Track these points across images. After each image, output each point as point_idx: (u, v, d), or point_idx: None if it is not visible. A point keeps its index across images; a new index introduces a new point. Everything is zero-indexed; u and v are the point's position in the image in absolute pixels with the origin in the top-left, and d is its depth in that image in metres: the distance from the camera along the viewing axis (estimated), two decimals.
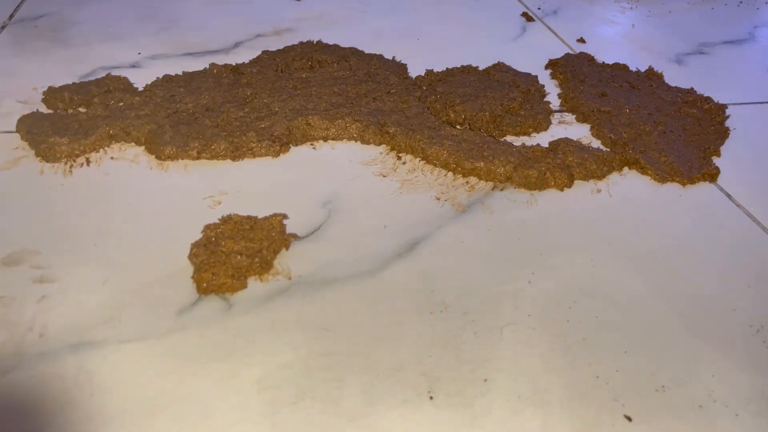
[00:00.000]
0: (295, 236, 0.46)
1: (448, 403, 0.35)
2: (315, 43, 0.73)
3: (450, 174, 0.54)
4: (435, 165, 0.55)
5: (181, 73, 0.64)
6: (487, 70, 0.70)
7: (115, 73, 0.64)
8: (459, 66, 0.70)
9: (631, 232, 0.50)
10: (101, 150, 0.54)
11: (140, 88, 0.62)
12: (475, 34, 0.83)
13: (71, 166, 0.51)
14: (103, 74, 0.64)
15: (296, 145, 0.57)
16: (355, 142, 0.58)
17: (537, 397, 0.36)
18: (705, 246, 0.49)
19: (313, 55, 0.69)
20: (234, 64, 0.67)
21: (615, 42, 0.85)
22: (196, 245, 0.44)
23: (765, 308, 0.44)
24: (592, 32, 0.87)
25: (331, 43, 0.73)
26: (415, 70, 0.69)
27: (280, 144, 0.55)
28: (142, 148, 0.54)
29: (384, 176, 0.54)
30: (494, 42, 0.81)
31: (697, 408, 0.36)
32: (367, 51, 0.72)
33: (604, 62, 0.75)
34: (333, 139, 0.58)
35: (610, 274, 0.45)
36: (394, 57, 0.72)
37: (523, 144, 0.58)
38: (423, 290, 0.43)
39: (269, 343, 0.38)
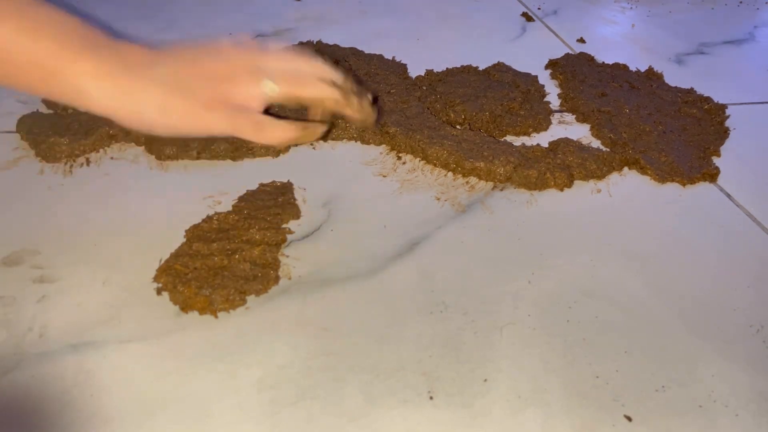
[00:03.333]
0: (288, 230, 0.46)
1: (448, 403, 0.35)
2: (315, 43, 0.73)
3: (450, 174, 0.54)
4: (435, 165, 0.55)
5: None
6: (487, 70, 0.70)
7: None
8: (459, 66, 0.70)
9: (631, 232, 0.50)
10: (101, 150, 0.54)
11: None
12: (475, 34, 0.83)
13: (71, 166, 0.51)
14: None
15: (296, 145, 0.57)
16: (355, 142, 0.58)
17: (537, 397, 0.36)
18: (705, 246, 0.49)
19: None
20: None
21: (615, 42, 0.85)
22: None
23: (765, 308, 0.44)
24: (592, 32, 0.87)
25: (331, 43, 0.73)
26: (415, 70, 0.69)
27: None
28: (142, 148, 0.54)
29: (384, 176, 0.54)
30: (494, 42, 0.81)
31: (697, 408, 0.36)
32: (367, 51, 0.72)
33: (604, 62, 0.75)
34: (333, 139, 0.58)
35: (610, 274, 0.45)
36: (394, 57, 0.72)
37: (523, 144, 0.58)
38: (423, 290, 0.43)
39: (269, 343, 0.38)
